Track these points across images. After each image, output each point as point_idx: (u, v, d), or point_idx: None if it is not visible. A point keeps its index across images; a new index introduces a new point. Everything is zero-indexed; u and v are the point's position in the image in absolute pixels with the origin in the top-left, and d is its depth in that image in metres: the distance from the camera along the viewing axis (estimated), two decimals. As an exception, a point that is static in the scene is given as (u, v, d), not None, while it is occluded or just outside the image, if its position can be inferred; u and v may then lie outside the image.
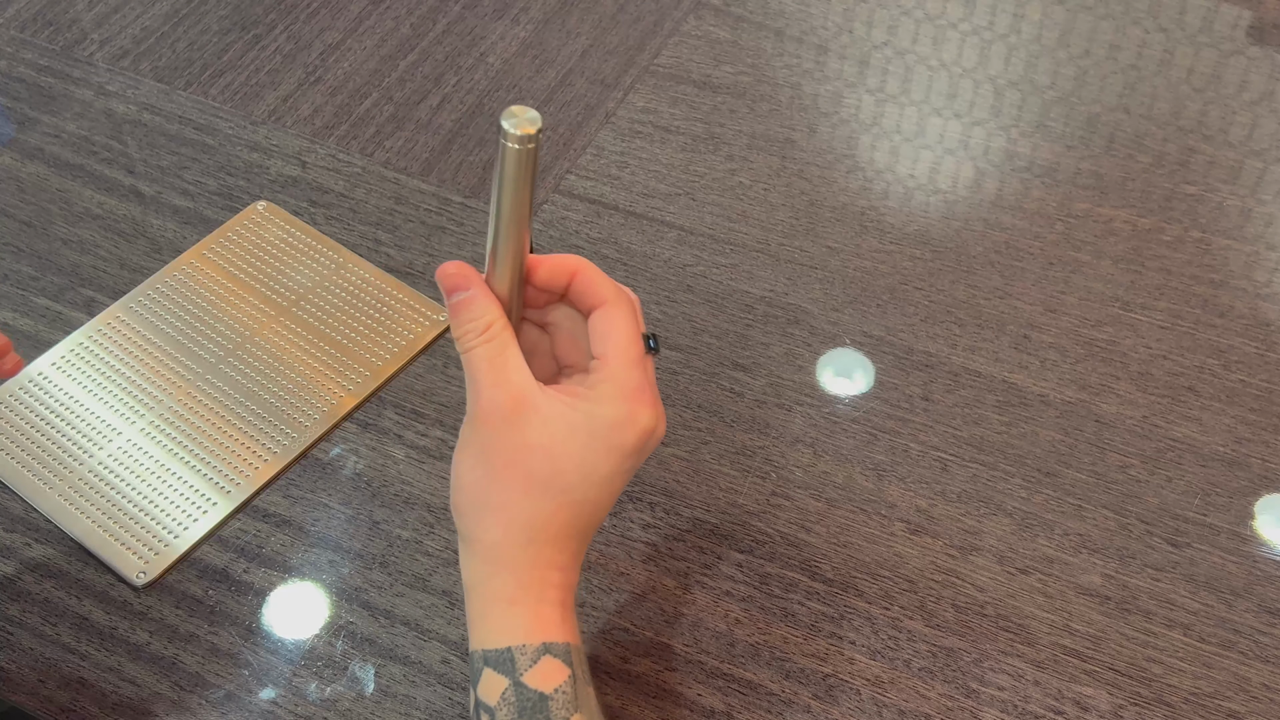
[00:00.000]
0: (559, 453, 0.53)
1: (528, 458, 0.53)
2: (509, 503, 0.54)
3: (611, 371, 0.54)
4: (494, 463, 0.54)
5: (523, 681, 0.53)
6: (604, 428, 0.54)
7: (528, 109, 0.51)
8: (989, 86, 0.96)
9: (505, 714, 0.52)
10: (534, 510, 0.54)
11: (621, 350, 0.55)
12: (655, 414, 0.55)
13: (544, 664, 0.53)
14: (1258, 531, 0.73)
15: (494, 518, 0.54)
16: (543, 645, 0.53)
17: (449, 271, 0.55)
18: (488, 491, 0.54)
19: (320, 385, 0.79)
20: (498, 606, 0.54)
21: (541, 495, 0.54)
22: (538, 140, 0.51)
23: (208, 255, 0.85)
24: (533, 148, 0.51)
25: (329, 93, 0.97)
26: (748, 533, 0.72)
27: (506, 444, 0.54)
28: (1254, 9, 1.01)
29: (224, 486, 0.74)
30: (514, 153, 0.51)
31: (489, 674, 0.53)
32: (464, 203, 0.89)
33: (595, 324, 0.56)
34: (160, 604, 0.70)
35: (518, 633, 0.53)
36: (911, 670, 0.67)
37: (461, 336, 0.55)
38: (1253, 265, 0.85)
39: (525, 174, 0.52)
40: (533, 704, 0.52)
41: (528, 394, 0.54)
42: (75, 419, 0.77)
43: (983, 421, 0.77)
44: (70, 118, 0.95)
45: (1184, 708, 0.66)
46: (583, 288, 0.56)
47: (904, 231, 0.87)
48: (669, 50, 0.99)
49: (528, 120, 0.51)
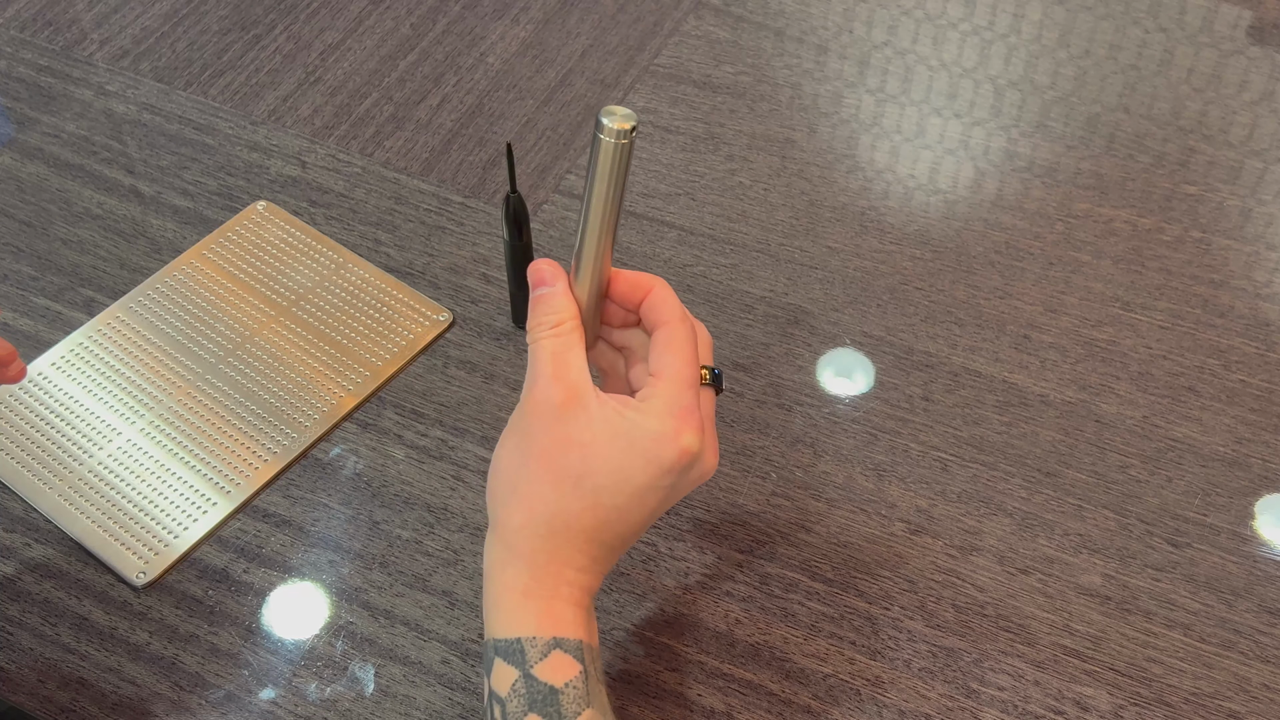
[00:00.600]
0: (595, 453, 0.54)
1: (564, 452, 0.54)
2: (536, 493, 0.54)
3: (663, 388, 0.55)
4: (531, 451, 0.55)
5: (533, 674, 0.53)
6: (645, 438, 0.54)
7: (624, 108, 0.53)
8: (989, 86, 0.96)
9: (516, 705, 0.52)
10: (560, 505, 0.54)
11: (676, 370, 0.55)
12: (700, 439, 0.55)
13: (554, 657, 0.53)
14: (1258, 531, 0.73)
15: (519, 504, 0.55)
16: (554, 639, 0.53)
17: (540, 267, 0.58)
18: (518, 477, 0.55)
19: (320, 385, 0.79)
20: (511, 596, 0.54)
21: (570, 491, 0.54)
22: (632, 137, 0.53)
23: (208, 255, 0.85)
24: (626, 143, 0.53)
25: (329, 93, 0.97)
26: (748, 533, 0.72)
27: (548, 436, 0.54)
28: (1254, 9, 1.01)
29: (224, 486, 0.74)
30: (608, 146, 0.53)
31: (499, 664, 0.54)
32: (464, 202, 0.89)
33: (655, 342, 0.57)
34: (160, 604, 0.70)
35: (529, 624, 0.54)
36: (911, 670, 0.67)
37: (533, 328, 0.57)
38: (1253, 265, 0.85)
39: (617, 170, 0.53)
40: (544, 697, 0.52)
41: (580, 392, 0.55)
42: (75, 419, 0.77)
43: (983, 421, 0.77)
44: (70, 118, 0.95)
45: (1184, 708, 0.66)
46: (652, 305, 0.57)
47: (904, 231, 0.87)
48: (669, 50, 0.99)
49: (623, 116, 0.52)
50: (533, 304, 0.57)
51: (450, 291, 0.84)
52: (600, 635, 0.68)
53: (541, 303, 0.57)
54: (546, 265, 0.58)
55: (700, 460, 0.56)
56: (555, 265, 0.58)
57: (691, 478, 0.56)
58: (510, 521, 0.55)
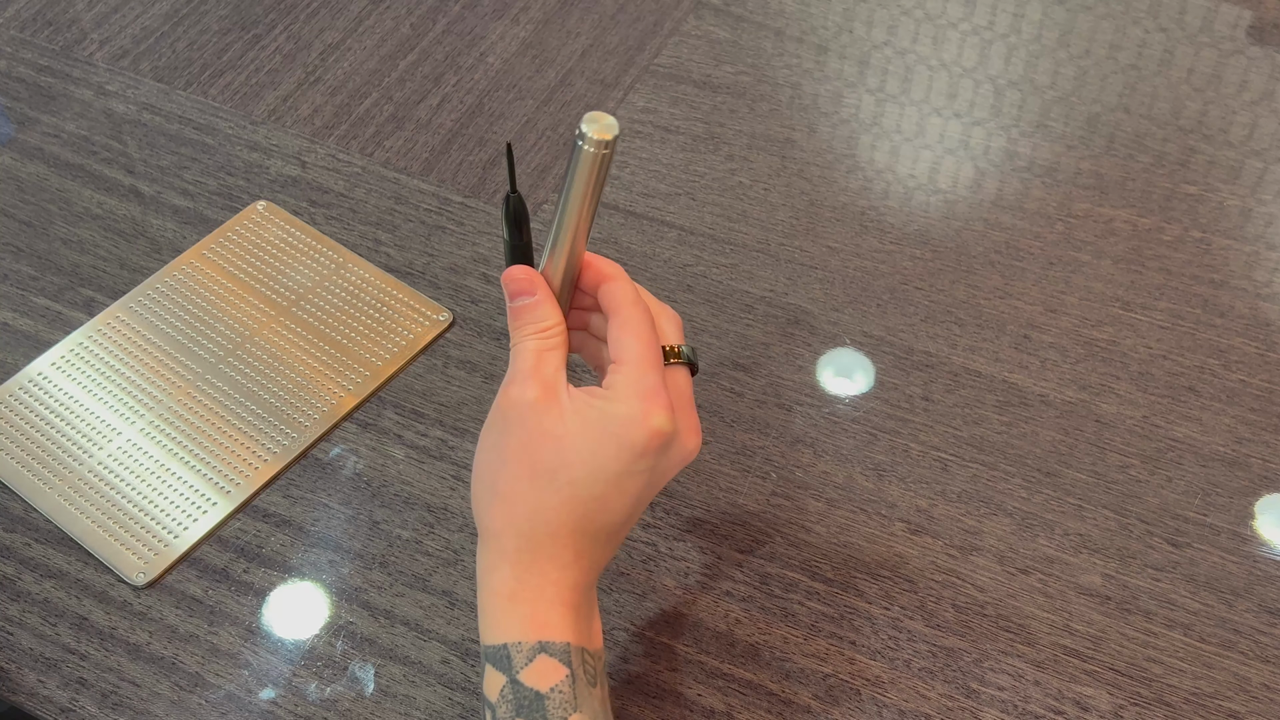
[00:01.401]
0: (569, 445, 0.54)
1: (539, 446, 0.54)
2: (514, 492, 0.54)
3: (625, 372, 0.55)
4: (509, 448, 0.55)
5: (519, 679, 0.53)
6: (614, 424, 0.54)
7: (609, 116, 0.53)
8: (989, 86, 0.96)
9: (505, 711, 0.53)
10: (537, 501, 0.54)
11: (635, 353, 0.55)
12: (671, 419, 0.55)
13: (540, 662, 0.53)
14: (1258, 531, 0.73)
15: (499, 506, 0.55)
16: (538, 644, 0.53)
17: (515, 276, 0.57)
18: (497, 478, 0.55)
19: (320, 385, 0.79)
20: (497, 601, 0.54)
21: (546, 485, 0.54)
22: (613, 147, 0.53)
23: (207, 255, 0.85)
24: (606, 154, 0.53)
25: (329, 93, 0.97)
26: (748, 533, 0.72)
27: (523, 431, 0.55)
28: (1254, 9, 1.01)
29: (224, 486, 0.74)
30: (587, 155, 0.53)
31: (490, 670, 0.54)
32: (464, 202, 0.89)
33: (610, 330, 0.57)
34: (160, 604, 0.70)
35: (513, 629, 0.54)
36: (911, 670, 0.67)
37: (518, 329, 0.57)
38: (1253, 265, 0.85)
39: (594, 178, 0.54)
40: (529, 702, 0.52)
41: (556, 388, 0.55)
42: (75, 419, 0.77)
43: (983, 421, 0.77)
44: (70, 117, 0.95)
45: (1184, 708, 0.66)
46: (607, 292, 0.57)
47: (904, 231, 0.87)
48: (669, 50, 0.99)
49: (606, 127, 0.53)
50: (514, 314, 0.57)
51: (450, 291, 0.84)
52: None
53: (526, 313, 0.57)
54: (522, 273, 0.57)
55: (677, 441, 0.55)
56: (530, 271, 0.58)
57: (672, 460, 0.56)
58: (493, 525, 0.55)
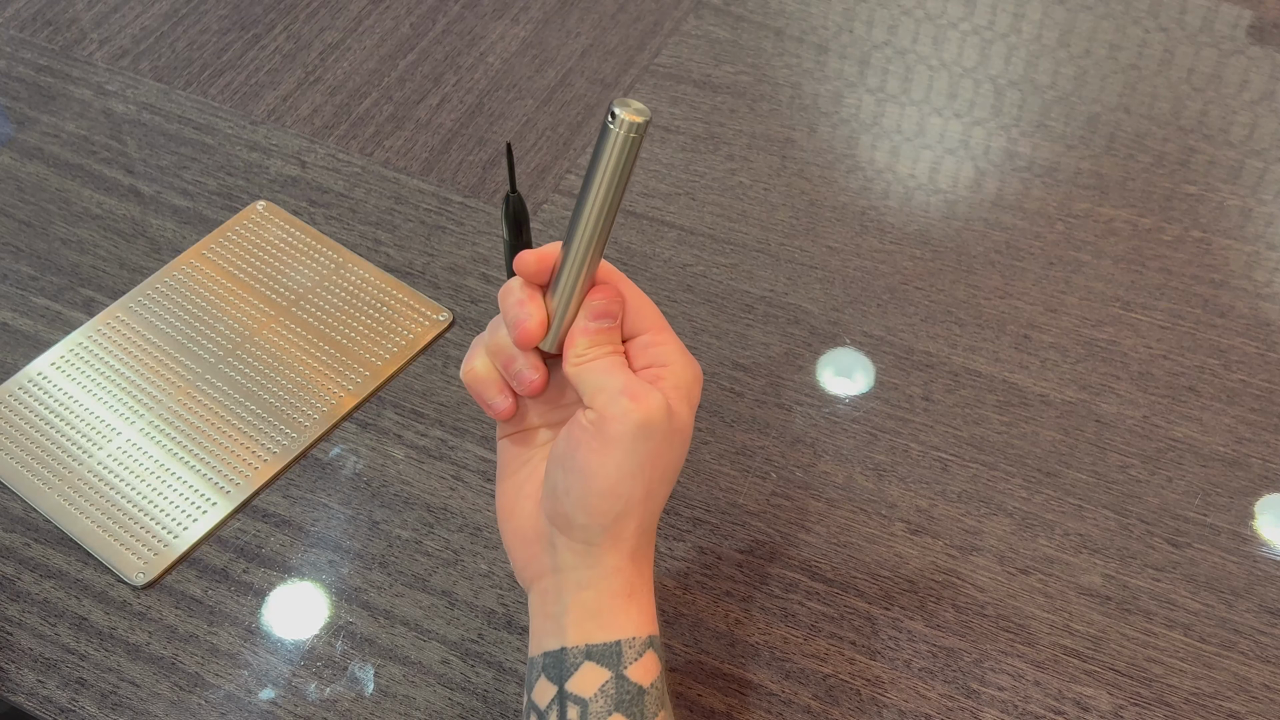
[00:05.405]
0: (673, 446, 0.54)
1: (672, 446, 0.54)
2: (645, 497, 0.54)
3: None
4: (644, 454, 0.53)
5: (625, 674, 0.53)
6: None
7: (639, 102, 0.51)
8: (989, 86, 0.96)
9: (600, 705, 0.53)
10: (656, 506, 0.55)
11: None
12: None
13: (647, 658, 0.54)
14: (1258, 531, 0.73)
15: (637, 511, 0.54)
16: (649, 638, 0.54)
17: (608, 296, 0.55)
18: (633, 488, 0.54)
19: (320, 385, 0.79)
20: (617, 601, 0.55)
21: (658, 492, 0.55)
22: (643, 131, 0.51)
23: (207, 255, 0.85)
24: (636, 136, 0.51)
25: (328, 92, 0.97)
26: (748, 533, 0.72)
27: (660, 435, 0.53)
28: (1254, 9, 1.01)
29: (224, 486, 0.74)
30: (616, 136, 0.51)
31: (589, 667, 0.53)
32: (464, 202, 0.89)
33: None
34: (160, 604, 0.70)
35: (629, 626, 0.54)
36: (911, 670, 0.67)
37: (599, 344, 0.55)
38: (1253, 265, 0.85)
39: (623, 164, 0.51)
40: (631, 697, 0.53)
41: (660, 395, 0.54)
42: (75, 419, 0.77)
43: (983, 421, 0.77)
44: (69, 117, 0.95)
45: (1184, 708, 0.66)
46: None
47: (904, 231, 0.87)
48: (669, 50, 0.99)
49: (637, 110, 0.50)
50: (598, 333, 0.55)
51: (450, 291, 0.84)
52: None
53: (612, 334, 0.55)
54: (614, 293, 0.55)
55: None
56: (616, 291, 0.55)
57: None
58: (623, 531, 0.54)
